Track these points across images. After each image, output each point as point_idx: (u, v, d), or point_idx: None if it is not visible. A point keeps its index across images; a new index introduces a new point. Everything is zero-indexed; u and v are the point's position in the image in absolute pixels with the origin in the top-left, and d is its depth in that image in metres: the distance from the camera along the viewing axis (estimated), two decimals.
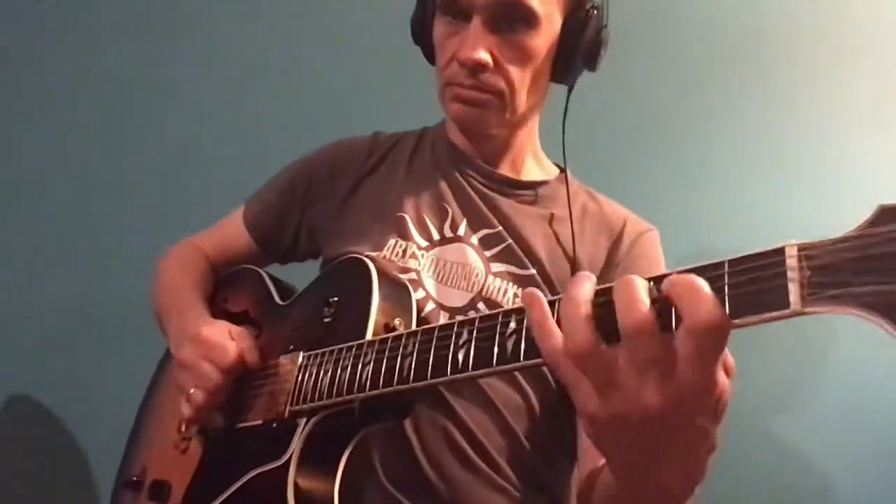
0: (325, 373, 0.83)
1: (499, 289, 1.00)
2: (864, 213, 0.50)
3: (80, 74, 1.78)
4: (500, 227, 1.05)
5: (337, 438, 0.85)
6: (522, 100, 1.02)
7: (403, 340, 0.77)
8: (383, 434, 0.89)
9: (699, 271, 0.56)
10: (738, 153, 1.59)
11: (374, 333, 0.84)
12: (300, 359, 0.88)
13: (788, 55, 1.60)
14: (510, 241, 1.04)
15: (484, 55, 0.96)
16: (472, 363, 0.69)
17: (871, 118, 1.53)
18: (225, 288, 1.17)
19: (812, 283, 0.50)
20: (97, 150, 1.76)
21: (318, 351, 0.87)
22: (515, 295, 1.00)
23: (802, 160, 1.55)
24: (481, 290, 1.00)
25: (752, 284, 0.52)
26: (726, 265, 0.54)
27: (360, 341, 0.82)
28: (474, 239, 1.04)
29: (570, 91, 1.07)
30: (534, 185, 1.10)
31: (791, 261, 0.51)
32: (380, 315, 0.86)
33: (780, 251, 0.52)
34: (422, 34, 1.07)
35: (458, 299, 1.00)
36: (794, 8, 1.61)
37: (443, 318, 0.98)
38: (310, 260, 1.21)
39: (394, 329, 0.86)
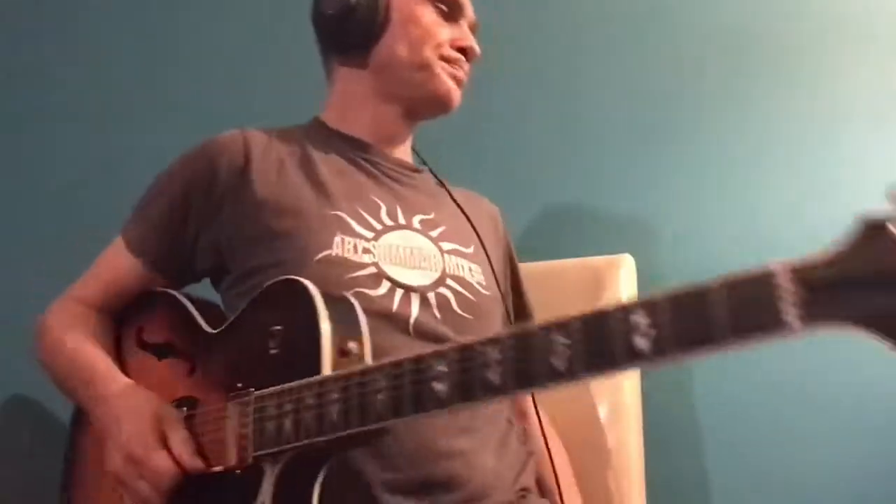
0: (286, 415, 0.79)
1: (457, 265, 1.06)
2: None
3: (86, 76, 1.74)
4: (433, 213, 1.09)
5: (306, 472, 0.81)
6: None
7: (372, 375, 0.74)
8: None
9: (690, 295, 0.56)
10: (734, 149, 1.56)
11: (332, 363, 0.80)
12: (253, 399, 0.83)
13: (787, 51, 1.57)
14: (444, 226, 1.09)
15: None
16: (457, 396, 0.67)
17: (870, 114, 1.51)
18: (137, 316, 1.07)
19: (807, 302, 0.51)
20: (96, 151, 1.69)
21: (271, 390, 0.82)
22: (470, 270, 1.06)
23: (799, 155, 1.53)
24: (444, 268, 1.03)
25: (750, 307, 0.53)
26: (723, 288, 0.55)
27: (321, 378, 0.78)
28: (416, 222, 1.07)
29: None
30: (423, 171, 1.18)
31: (785, 283, 0.52)
32: (333, 342, 0.82)
33: (771, 274, 0.52)
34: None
35: (424, 278, 1.01)
36: (793, 3, 1.58)
37: (415, 301, 0.98)
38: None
39: (349, 352, 0.82)
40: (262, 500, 0.79)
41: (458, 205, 1.12)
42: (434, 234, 1.07)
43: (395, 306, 0.96)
